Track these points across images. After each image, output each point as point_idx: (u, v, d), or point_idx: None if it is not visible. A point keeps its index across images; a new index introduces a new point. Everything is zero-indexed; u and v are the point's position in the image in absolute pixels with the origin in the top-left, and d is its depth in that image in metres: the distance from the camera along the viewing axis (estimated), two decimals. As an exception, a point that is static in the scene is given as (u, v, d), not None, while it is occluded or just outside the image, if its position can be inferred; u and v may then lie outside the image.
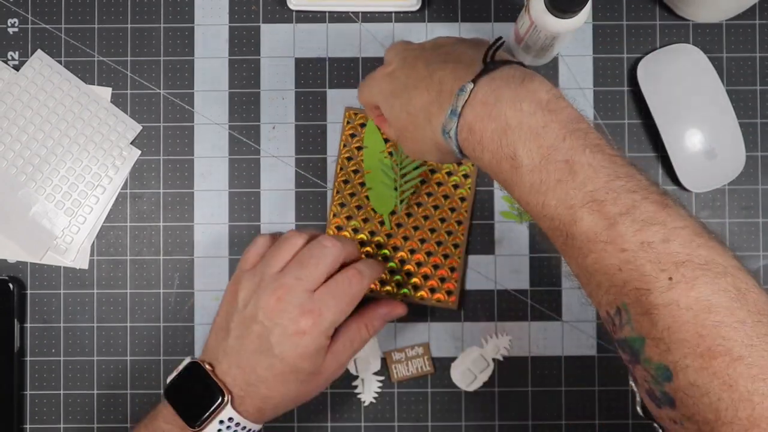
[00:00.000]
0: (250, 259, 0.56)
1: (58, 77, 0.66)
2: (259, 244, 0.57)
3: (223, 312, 0.55)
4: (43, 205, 0.65)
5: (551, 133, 0.41)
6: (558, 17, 0.54)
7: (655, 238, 0.39)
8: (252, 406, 0.52)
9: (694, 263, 0.38)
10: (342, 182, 0.65)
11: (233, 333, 0.53)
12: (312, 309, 0.51)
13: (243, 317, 0.52)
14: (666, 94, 0.64)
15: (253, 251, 0.57)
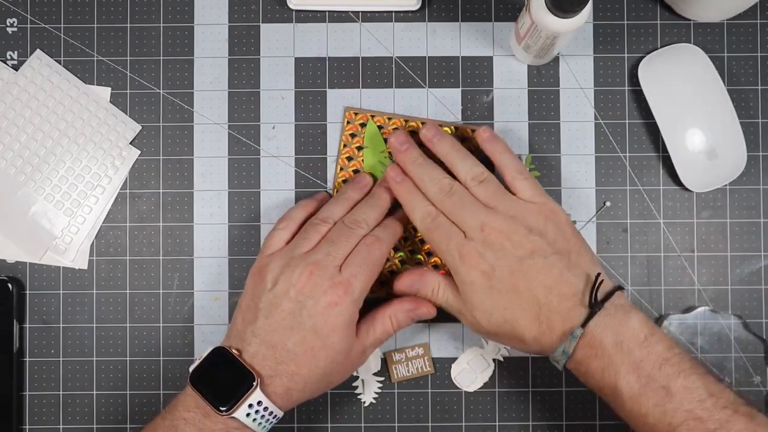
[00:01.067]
0: (273, 245, 0.58)
1: (57, 77, 0.66)
2: (281, 229, 0.59)
3: (249, 295, 0.56)
4: (42, 205, 0.65)
5: (648, 365, 0.50)
6: (559, 17, 0.54)
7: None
8: (280, 386, 0.53)
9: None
10: (342, 182, 0.65)
11: (262, 312, 0.54)
12: (341, 281, 0.54)
13: (273, 296, 0.54)
14: (667, 94, 0.64)
15: (276, 237, 0.58)
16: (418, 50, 0.66)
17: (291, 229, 0.59)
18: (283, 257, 0.56)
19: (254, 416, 0.52)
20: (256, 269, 0.57)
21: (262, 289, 0.55)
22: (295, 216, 0.60)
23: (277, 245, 0.58)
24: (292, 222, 0.60)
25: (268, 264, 0.56)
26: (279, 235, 0.59)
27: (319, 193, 0.64)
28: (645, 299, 0.65)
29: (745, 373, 0.64)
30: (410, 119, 0.65)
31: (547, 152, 0.66)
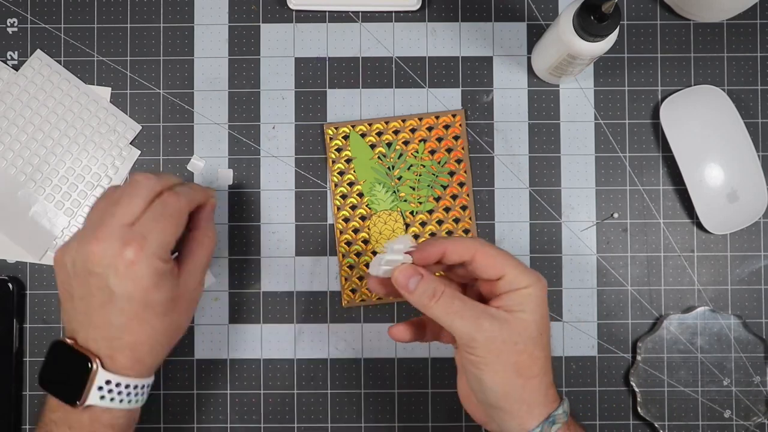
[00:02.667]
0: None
1: (57, 77, 0.66)
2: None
3: (60, 283, 0.53)
4: (42, 205, 0.65)
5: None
6: (587, 41, 0.54)
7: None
8: (125, 359, 0.51)
9: None
10: (340, 197, 0.65)
11: (76, 296, 0.51)
12: (133, 238, 0.49)
13: (76, 276, 0.51)
14: (689, 137, 0.64)
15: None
16: (418, 50, 0.66)
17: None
18: (72, 237, 0.52)
19: (111, 396, 0.50)
20: (57, 254, 0.53)
21: (65, 274, 0.51)
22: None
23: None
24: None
25: (63, 246, 0.52)
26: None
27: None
28: (645, 299, 0.65)
29: (745, 373, 0.64)
30: (390, 120, 0.65)
31: (547, 152, 0.66)
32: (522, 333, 0.47)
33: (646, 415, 0.64)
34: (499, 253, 0.49)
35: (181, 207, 0.53)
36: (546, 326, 0.49)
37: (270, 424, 0.65)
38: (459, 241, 0.50)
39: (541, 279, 0.49)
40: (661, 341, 0.65)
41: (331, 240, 0.66)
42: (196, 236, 0.56)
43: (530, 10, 0.67)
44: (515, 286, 0.48)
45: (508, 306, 0.48)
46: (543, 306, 0.49)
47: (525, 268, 0.49)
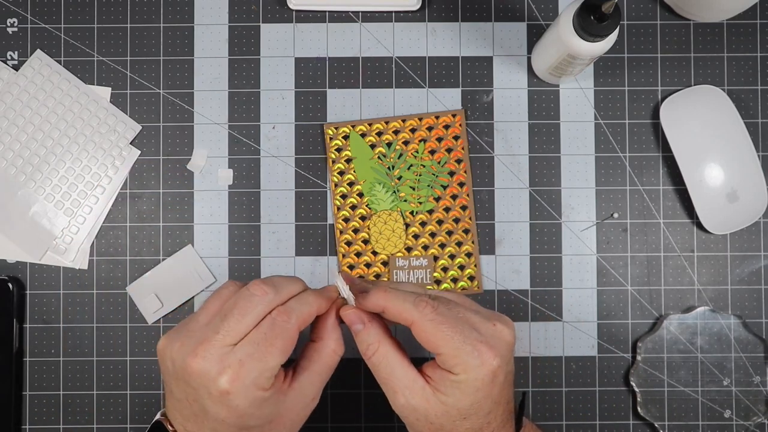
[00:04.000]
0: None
1: (57, 77, 0.66)
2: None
3: (162, 371, 0.50)
4: (42, 205, 0.65)
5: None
6: (587, 41, 0.54)
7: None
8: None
9: None
10: (340, 197, 0.65)
11: (175, 394, 0.48)
12: (231, 364, 0.45)
13: (176, 378, 0.47)
14: (689, 138, 0.64)
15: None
16: (418, 50, 0.66)
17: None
18: (180, 330, 0.48)
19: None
20: (160, 344, 0.49)
21: (166, 367, 0.48)
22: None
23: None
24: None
25: (167, 338, 0.48)
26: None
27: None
28: (645, 299, 0.65)
29: (744, 373, 0.64)
30: (390, 120, 0.65)
31: (547, 152, 0.66)
32: (440, 415, 0.46)
33: (646, 415, 0.64)
34: (437, 329, 0.45)
35: (290, 328, 0.47)
36: (480, 407, 0.46)
37: (270, 424, 0.65)
38: (399, 305, 0.47)
39: (484, 364, 0.45)
40: (661, 341, 0.65)
41: (331, 240, 0.66)
42: (316, 347, 0.50)
43: (530, 10, 0.67)
44: (448, 368, 0.45)
45: (437, 383, 0.46)
46: (477, 393, 0.45)
47: (468, 349, 0.45)
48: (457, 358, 0.45)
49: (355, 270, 0.65)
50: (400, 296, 0.47)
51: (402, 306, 0.46)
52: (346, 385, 0.65)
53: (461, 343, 0.45)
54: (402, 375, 0.46)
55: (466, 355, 0.45)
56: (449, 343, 0.45)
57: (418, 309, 0.46)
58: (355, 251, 0.65)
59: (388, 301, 0.47)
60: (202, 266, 0.65)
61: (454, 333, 0.45)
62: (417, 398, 0.46)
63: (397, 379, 0.46)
